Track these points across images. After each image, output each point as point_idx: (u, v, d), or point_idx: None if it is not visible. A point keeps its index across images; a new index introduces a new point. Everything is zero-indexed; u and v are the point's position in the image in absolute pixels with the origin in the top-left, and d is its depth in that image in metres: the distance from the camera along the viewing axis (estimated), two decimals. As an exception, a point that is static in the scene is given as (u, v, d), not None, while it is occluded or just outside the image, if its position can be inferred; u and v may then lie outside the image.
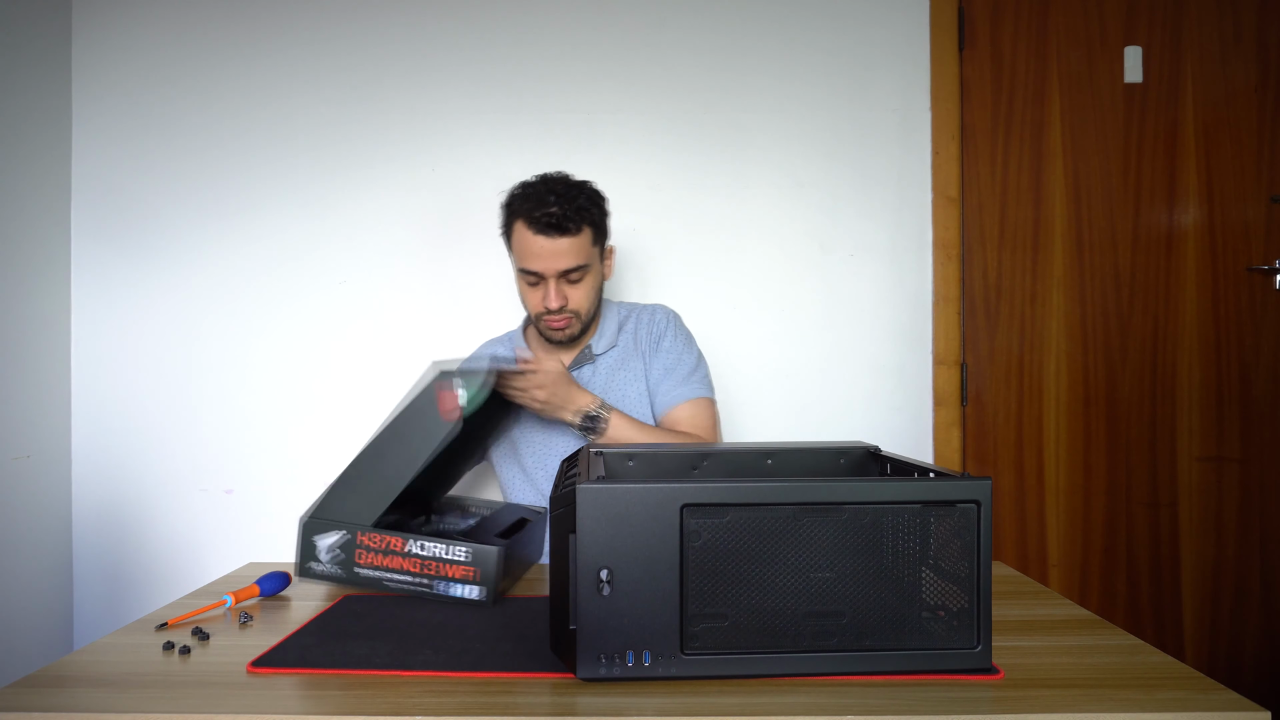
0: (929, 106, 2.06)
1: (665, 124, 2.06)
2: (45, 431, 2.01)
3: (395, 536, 1.07)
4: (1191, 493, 2.04)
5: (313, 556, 1.08)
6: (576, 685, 0.81)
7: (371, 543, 1.07)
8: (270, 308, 2.08)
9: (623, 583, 0.80)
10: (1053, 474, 2.07)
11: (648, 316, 1.59)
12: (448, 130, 2.08)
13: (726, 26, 2.07)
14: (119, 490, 2.08)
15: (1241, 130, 2.04)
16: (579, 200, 1.44)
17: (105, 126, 2.10)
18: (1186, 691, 0.78)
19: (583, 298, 1.47)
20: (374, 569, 1.08)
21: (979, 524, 0.82)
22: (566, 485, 0.85)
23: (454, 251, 2.08)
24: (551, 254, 1.42)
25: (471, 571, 1.06)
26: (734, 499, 0.81)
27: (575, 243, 1.43)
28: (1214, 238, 2.05)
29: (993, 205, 2.07)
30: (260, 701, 0.78)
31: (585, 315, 1.50)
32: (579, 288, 1.46)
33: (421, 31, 2.08)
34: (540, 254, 1.43)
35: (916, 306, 2.06)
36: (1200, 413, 2.05)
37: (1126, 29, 2.06)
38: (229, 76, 2.09)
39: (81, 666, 0.88)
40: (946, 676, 0.82)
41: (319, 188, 2.09)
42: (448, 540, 1.07)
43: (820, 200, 2.06)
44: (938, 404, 2.05)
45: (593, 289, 1.49)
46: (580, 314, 1.49)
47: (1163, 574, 2.05)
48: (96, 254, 2.10)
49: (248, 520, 2.06)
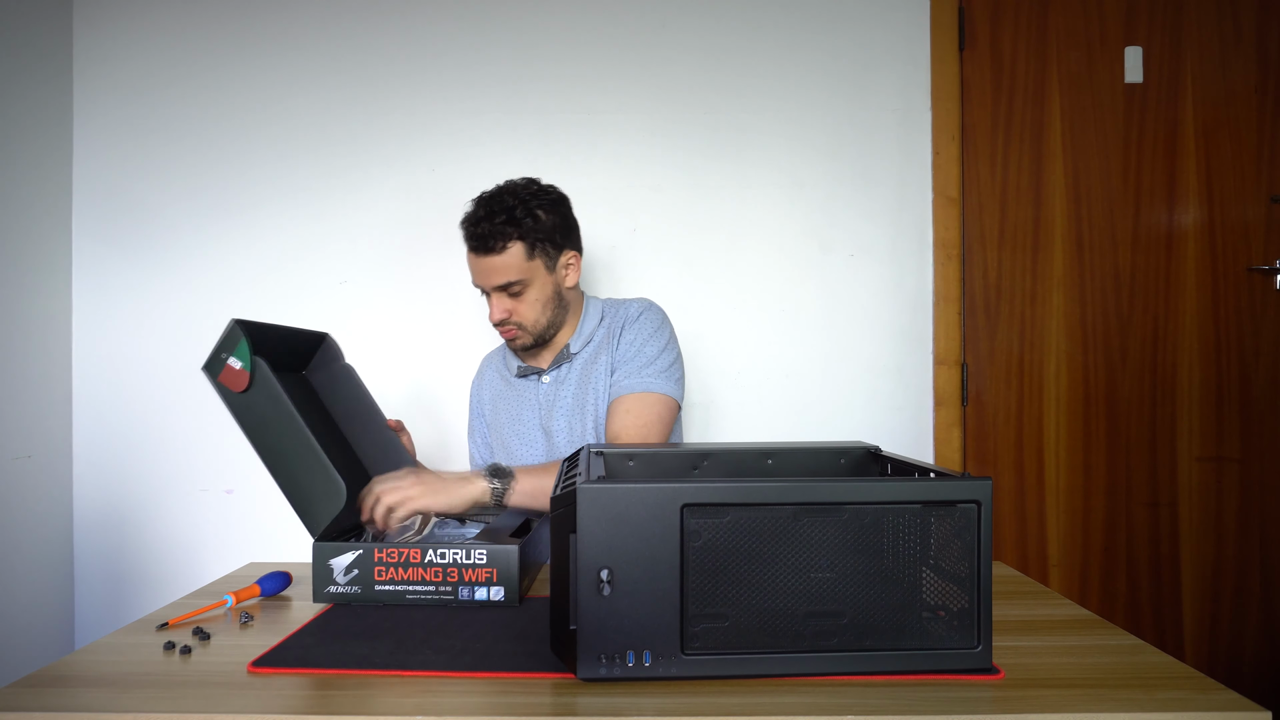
0: (929, 106, 2.06)
1: (666, 124, 2.06)
2: (46, 431, 2.01)
3: (412, 548, 1.07)
4: (1191, 493, 2.05)
5: (330, 580, 1.08)
6: (576, 685, 0.81)
7: (389, 557, 1.07)
8: (270, 308, 2.08)
9: (623, 583, 0.80)
10: (1053, 474, 2.07)
11: (623, 308, 1.57)
12: (448, 131, 2.08)
13: (727, 27, 2.07)
14: (119, 490, 2.08)
15: (1241, 130, 2.04)
16: (502, 216, 1.42)
17: (106, 127, 2.10)
18: (1186, 691, 0.78)
19: (527, 310, 1.47)
20: (393, 584, 1.07)
21: (979, 524, 0.83)
22: (567, 485, 0.85)
23: (454, 252, 2.07)
24: (483, 271, 1.45)
25: (493, 573, 1.06)
26: (734, 499, 0.81)
27: (502, 260, 1.43)
28: (1214, 238, 2.05)
29: (993, 205, 2.07)
30: (260, 701, 0.78)
31: (534, 326, 1.49)
32: (521, 301, 1.47)
33: (421, 32, 2.08)
34: (475, 270, 1.47)
35: (917, 306, 2.06)
36: (1200, 413, 2.05)
37: (1126, 29, 2.06)
38: (229, 77, 2.09)
39: (82, 666, 0.88)
40: (947, 676, 0.82)
41: (319, 188, 2.09)
42: (465, 544, 1.07)
43: (820, 200, 2.06)
44: (938, 404, 2.05)
45: (538, 301, 1.48)
46: (526, 326, 1.48)
47: (1163, 574, 2.05)
48: (97, 254, 2.10)
49: (248, 520, 2.06)
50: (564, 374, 1.55)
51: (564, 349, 1.55)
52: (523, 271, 1.45)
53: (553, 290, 1.50)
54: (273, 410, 1.11)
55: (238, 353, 1.12)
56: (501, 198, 1.45)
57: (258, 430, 1.12)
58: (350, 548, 1.07)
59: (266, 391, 1.11)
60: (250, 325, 1.13)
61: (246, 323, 1.12)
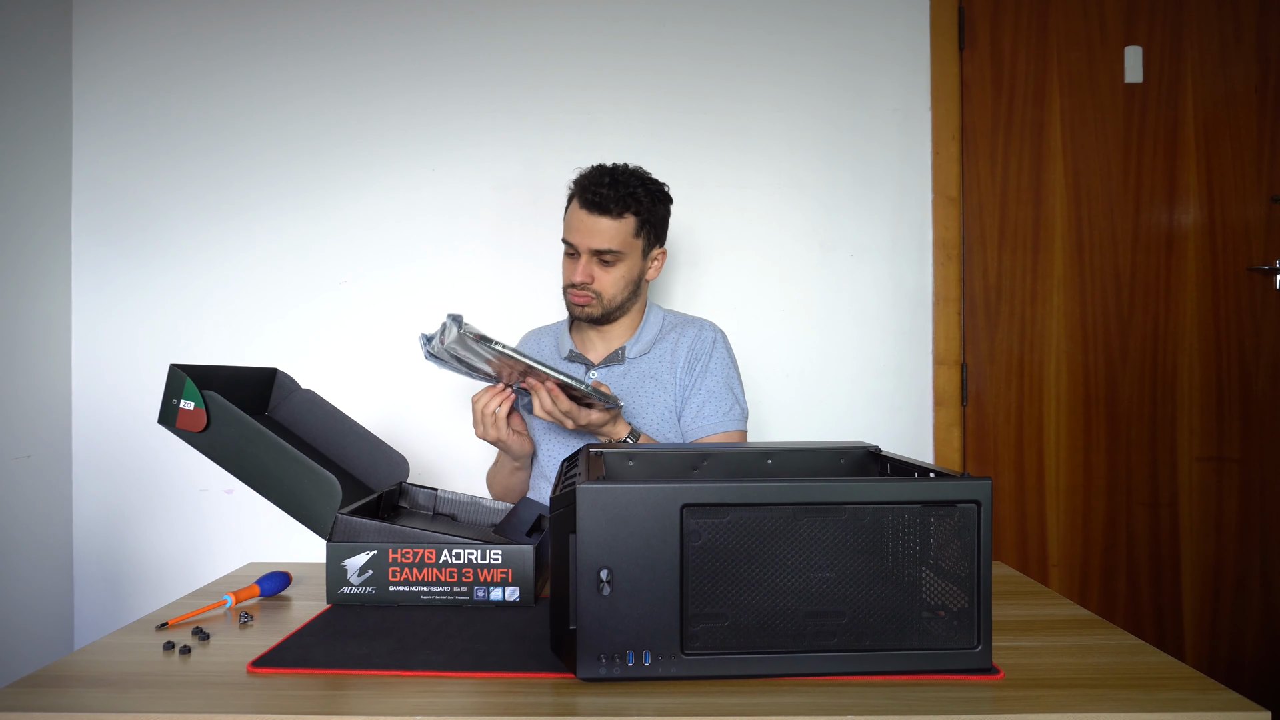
0: (929, 107, 2.06)
1: (665, 124, 2.06)
2: (45, 431, 2.01)
3: (427, 548, 1.07)
4: (1191, 493, 2.04)
5: (344, 581, 1.07)
6: (576, 685, 0.81)
7: (403, 558, 1.07)
8: (270, 308, 2.08)
9: (623, 583, 0.80)
10: (1053, 474, 2.07)
11: (694, 331, 1.57)
12: (447, 131, 2.08)
13: (727, 27, 2.07)
14: (119, 490, 2.08)
15: (1241, 130, 2.04)
16: (629, 188, 1.47)
17: (106, 127, 2.10)
18: (1186, 691, 0.78)
19: (611, 283, 1.50)
20: (408, 584, 1.07)
21: (979, 524, 0.82)
22: (566, 485, 0.85)
23: (453, 252, 2.08)
24: (589, 230, 1.47)
25: (508, 573, 1.06)
26: (734, 499, 0.81)
27: (614, 225, 1.47)
28: (1214, 238, 2.05)
29: (993, 205, 2.07)
30: (260, 701, 0.78)
31: (609, 301, 1.51)
32: (610, 271, 1.49)
33: (421, 32, 2.08)
34: (579, 228, 1.49)
35: (917, 306, 2.06)
36: (1200, 413, 2.05)
37: (1126, 29, 2.06)
38: (229, 77, 2.09)
39: (82, 666, 0.88)
40: (946, 676, 0.82)
41: (319, 188, 2.09)
42: (480, 544, 1.07)
43: (820, 200, 2.06)
44: (938, 404, 2.05)
45: (623, 278, 1.51)
46: (604, 297, 1.50)
47: (1163, 574, 2.05)
48: (97, 254, 2.10)
49: (248, 520, 2.06)
50: (615, 375, 1.55)
51: (618, 350, 1.56)
52: (625, 244, 1.48)
53: (638, 273, 1.54)
54: (240, 435, 1.11)
55: (186, 394, 1.12)
56: (629, 173, 1.51)
57: (234, 460, 1.12)
58: (364, 548, 1.07)
59: (227, 419, 1.11)
60: (192, 367, 1.14)
61: (186, 365, 1.13)
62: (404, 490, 1.36)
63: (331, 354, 2.08)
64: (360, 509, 1.16)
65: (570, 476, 0.92)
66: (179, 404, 1.12)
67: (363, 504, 1.18)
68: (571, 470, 0.99)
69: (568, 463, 1.10)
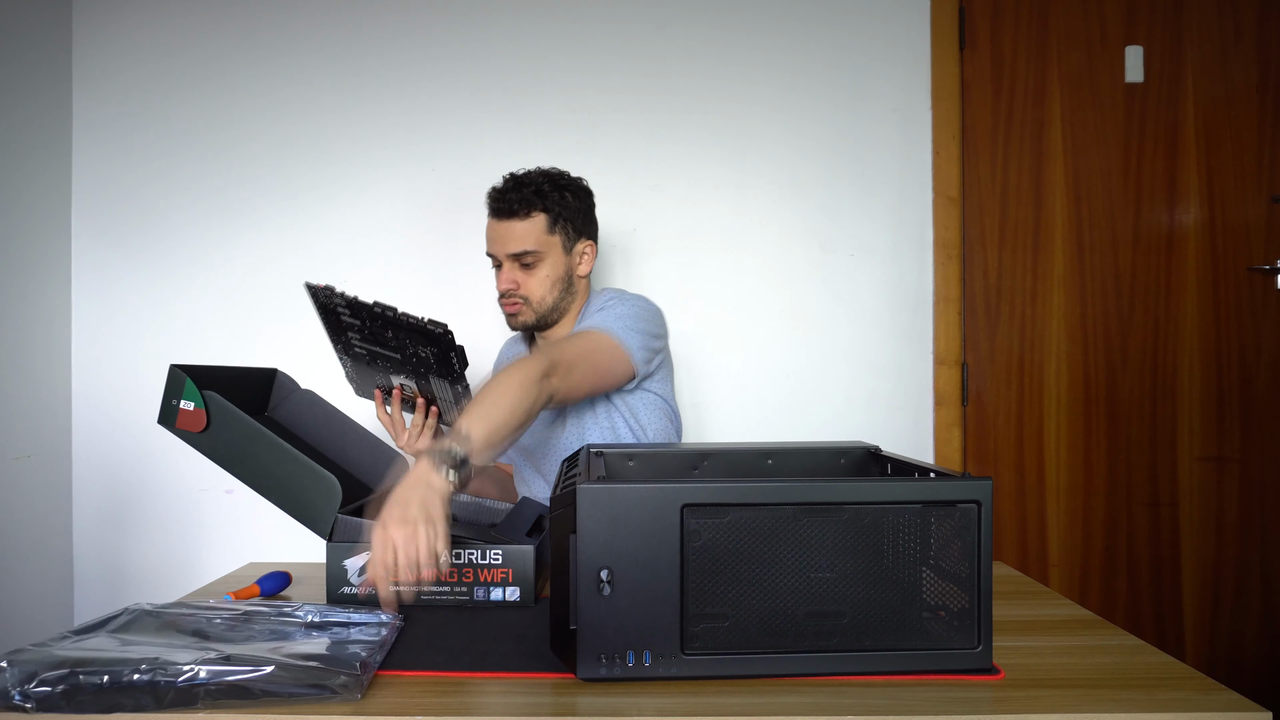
0: (929, 106, 2.06)
1: (666, 124, 2.06)
2: (45, 431, 2.01)
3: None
4: (1191, 493, 2.04)
5: (343, 581, 1.07)
6: (576, 685, 0.81)
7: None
8: (270, 308, 2.08)
9: (623, 583, 0.80)
10: (1053, 474, 2.07)
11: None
12: (447, 131, 2.08)
13: (727, 27, 2.06)
14: (119, 490, 2.08)
15: (1241, 130, 2.04)
16: (533, 186, 1.44)
17: (106, 126, 2.10)
18: (1187, 691, 0.78)
19: (536, 285, 1.46)
20: (409, 585, 1.07)
21: (979, 524, 0.82)
22: (566, 485, 0.85)
23: (453, 252, 2.07)
24: (502, 237, 1.45)
25: (508, 573, 1.06)
26: (734, 499, 0.81)
27: (523, 226, 1.43)
28: (1214, 238, 2.05)
29: (993, 205, 2.07)
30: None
31: (539, 304, 1.47)
32: (533, 274, 1.46)
33: (421, 32, 2.08)
34: (493, 237, 1.47)
35: (917, 306, 2.06)
36: (1200, 413, 2.05)
37: (1127, 29, 2.06)
38: (229, 77, 2.09)
39: (82, 666, 0.87)
40: (947, 676, 0.82)
41: (319, 188, 2.08)
42: (481, 544, 1.07)
43: (820, 200, 2.06)
44: (938, 404, 2.05)
45: (548, 278, 1.46)
46: (531, 301, 1.47)
47: (1163, 574, 2.05)
48: (97, 254, 2.10)
49: (247, 520, 2.06)
50: None
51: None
52: (540, 243, 1.45)
53: (564, 271, 1.49)
54: (240, 435, 1.11)
55: (186, 394, 1.12)
56: (532, 175, 1.48)
57: (234, 460, 1.12)
58: (364, 548, 1.07)
59: (227, 420, 1.11)
60: (192, 367, 1.13)
61: (186, 366, 1.13)
62: None
63: (331, 354, 2.08)
64: (360, 509, 1.16)
65: (570, 476, 0.92)
66: (179, 404, 1.12)
67: (363, 504, 1.18)
68: (572, 470, 0.99)
69: (568, 463, 1.09)
